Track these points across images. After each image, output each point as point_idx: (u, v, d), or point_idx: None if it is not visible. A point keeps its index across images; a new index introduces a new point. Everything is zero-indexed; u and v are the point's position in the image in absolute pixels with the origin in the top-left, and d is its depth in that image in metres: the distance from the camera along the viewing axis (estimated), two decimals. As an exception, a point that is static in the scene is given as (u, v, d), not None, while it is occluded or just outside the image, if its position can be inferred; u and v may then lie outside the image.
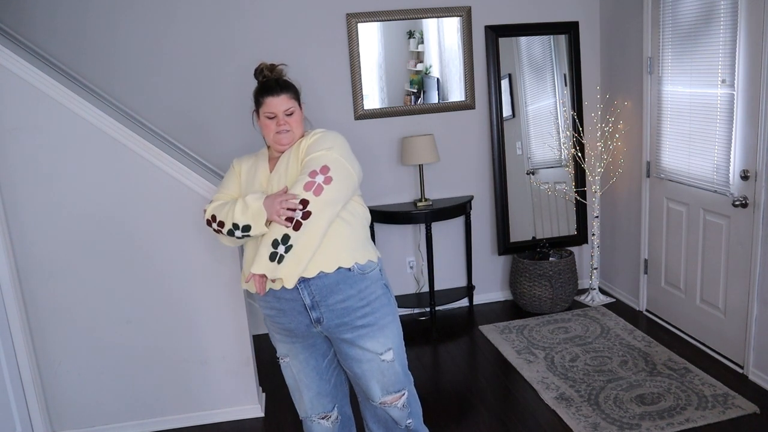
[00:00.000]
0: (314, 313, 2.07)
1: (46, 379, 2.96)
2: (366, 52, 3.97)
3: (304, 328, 2.12)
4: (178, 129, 3.80)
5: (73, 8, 3.58)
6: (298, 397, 2.29)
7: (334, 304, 2.06)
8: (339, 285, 2.05)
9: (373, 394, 2.18)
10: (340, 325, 2.09)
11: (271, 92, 2.09)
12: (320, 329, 2.12)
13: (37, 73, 2.69)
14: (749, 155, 3.07)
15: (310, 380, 2.24)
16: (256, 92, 2.14)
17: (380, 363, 2.13)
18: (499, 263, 4.43)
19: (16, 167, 2.76)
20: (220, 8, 3.74)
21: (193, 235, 2.93)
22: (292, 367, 2.24)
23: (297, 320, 2.10)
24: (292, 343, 2.20)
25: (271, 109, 2.09)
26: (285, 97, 2.10)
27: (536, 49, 4.23)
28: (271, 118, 2.10)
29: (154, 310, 2.98)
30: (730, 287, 3.29)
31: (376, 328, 2.11)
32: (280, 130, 2.09)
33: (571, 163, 4.26)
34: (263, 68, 2.16)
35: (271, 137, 2.12)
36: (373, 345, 2.11)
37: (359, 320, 2.09)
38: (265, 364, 3.67)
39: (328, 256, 2.02)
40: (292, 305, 2.07)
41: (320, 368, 2.24)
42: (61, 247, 2.86)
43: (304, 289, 2.04)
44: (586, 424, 2.88)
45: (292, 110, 2.11)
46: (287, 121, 2.10)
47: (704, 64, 3.32)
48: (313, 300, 2.05)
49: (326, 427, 2.31)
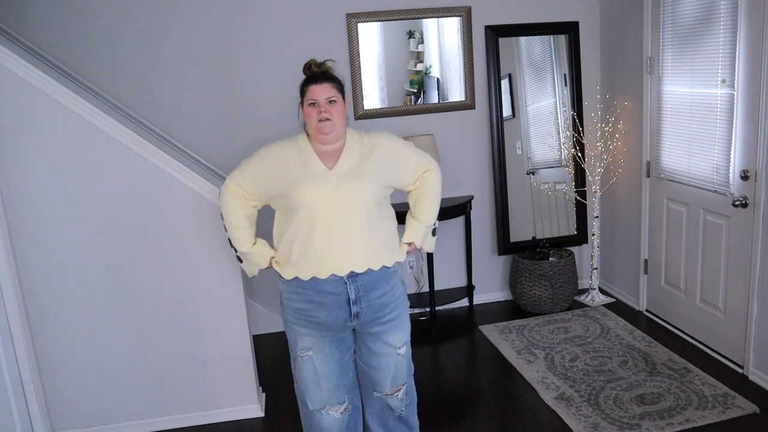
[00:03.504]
0: (355, 307, 2.18)
1: (46, 379, 2.96)
2: (366, 52, 3.97)
3: (341, 323, 2.20)
4: (178, 129, 3.80)
5: (74, 9, 3.58)
6: (315, 389, 2.29)
7: (373, 300, 2.19)
8: (380, 281, 2.19)
9: (383, 386, 2.32)
10: (373, 320, 2.23)
11: (315, 81, 2.16)
12: (355, 323, 2.22)
13: (37, 73, 2.68)
14: (749, 155, 3.07)
15: (332, 372, 2.28)
16: (301, 84, 2.20)
17: (396, 356, 2.28)
18: (499, 263, 4.43)
19: (16, 167, 2.76)
20: (221, 9, 3.74)
21: (192, 235, 2.93)
22: (315, 360, 2.26)
23: (335, 314, 2.18)
24: (320, 337, 2.24)
25: (313, 96, 2.14)
26: (327, 86, 2.15)
27: (536, 49, 4.23)
28: (312, 105, 2.15)
29: (154, 310, 2.98)
30: (730, 287, 3.29)
31: (397, 323, 2.27)
32: (321, 117, 2.13)
33: (571, 163, 4.26)
34: (311, 64, 2.23)
35: (313, 126, 2.15)
36: (394, 339, 2.27)
37: (387, 315, 2.24)
38: (265, 364, 3.67)
39: (375, 255, 2.17)
40: (334, 299, 2.16)
41: (343, 361, 2.30)
42: (61, 247, 2.85)
43: (352, 283, 2.15)
44: (586, 424, 2.88)
45: (334, 99, 2.15)
46: (328, 109, 2.14)
47: (704, 64, 3.32)
48: (357, 295, 2.16)
49: (336, 418, 2.33)
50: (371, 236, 2.16)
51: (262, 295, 4.14)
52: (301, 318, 2.23)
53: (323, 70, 2.20)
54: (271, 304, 4.16)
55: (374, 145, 2.22)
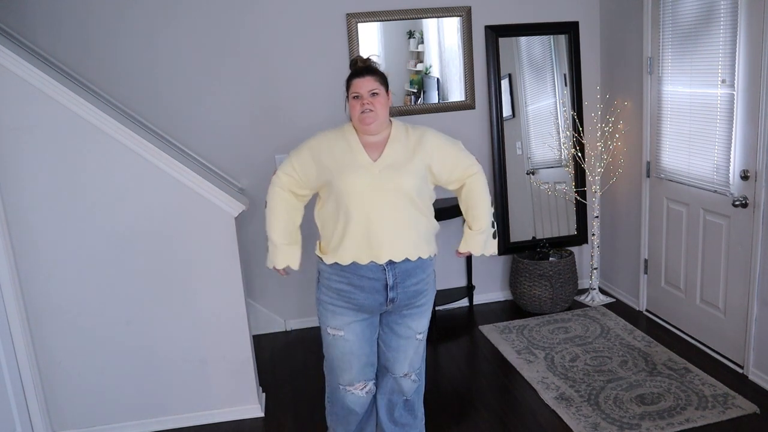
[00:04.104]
0: (392, 293, 2.29)
1: (46, 379, 2.96)
2: (366, 52, 3.96)
3: (377, 306, 2.32)
4: (178, 129, 3.80)
5: (74, 9, 3.58)
6: (345, 367, 2.40)
7: (408, 287, 2.31)
8: (416, 270, 2.31)
9: (399, 367, 2.44)
10: (405, 305, 2.35)
11: (359, 74, 2.27)
12: (390, 307, 2.34)
13: (37, 73, 2.68)
14: (749, 155, 3.07)
15: (362, 352, 2.39)
16: (347, 78, 2.31)
17: (415, 341, 2.42)
18: (499, 263, 4.43)
19: (16, 167, 2.76)
20: (221, 9, 3.74)
21: (193, 235, 2.93)
22: (347, 340, 2.36)
23: (373, 297, 2.30)
24: (354, 318, 2.34)
25: (356, 89, 2.25)
26: (370, 79, 2.25)
27: (536, 49, 4.23)
28: (356, 98, 2.25)
29: (154, 310, 2.98)
30: (730, 287, 3.29)
31: (423, 309, 2.41)
32: (364, 109, 2.22)
33: (571, 163, 4.26)
34: (357, 60, 2.33)
35: (356, 117, 2.25)
36: (417, 325, 2.40)
37: (417, 302, 2.37)
38: (265, 364, 3.67)
39: (412, 246, 2.28)
40: (372, 284, 2.27)
41: (372, 341, 2.43)
42: (61, 247, 2.85)
43: (390, 270, 2.27)
44: (586, 424, 2.88)
45: (376, 91, 2.25)
46: (371, 101, 2.23)
47: (704, 64, 3.32)
48: (394, 281, 2.28)
49: (360, 397, 2.46)
50: (410, 228, 2.27)
51: (262, 295, 4.14)
52: (340, 298, 2.33)
53: (367, 65, 2.31)
54: (271, 304, 4.16)
55: (420, 140, 2.31)
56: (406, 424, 2.56)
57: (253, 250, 4.00)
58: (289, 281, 4.09)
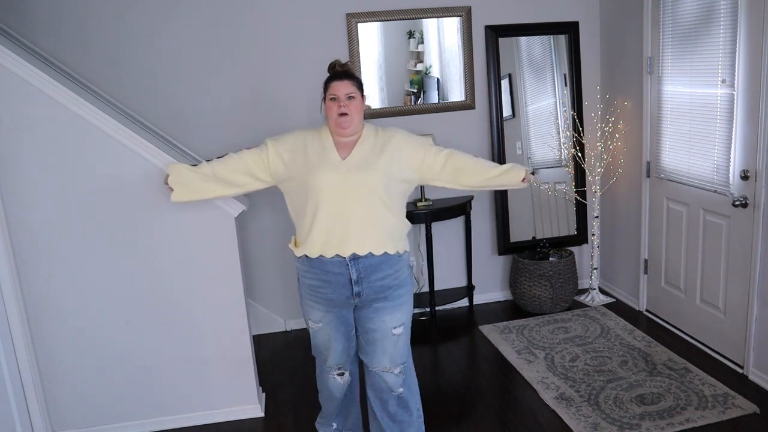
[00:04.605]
0: (357, 287, 2.37)
1: (46, 379, 2.96)
2: (366, 52, 3.97)
3: (344, 300, 2.42)
4: (179, 129, 3.80)
5: (75, 9, 3.58)
6: (326, 353, 2.56)
7: (374, 281, 2.38)
8: (381, 265, 2.37)
9: (377, 362, 2.49)
10: (374, 300, 2.42)
11: (336, 78, 2.38)
12: (357, 301, 2.42)
13: (37, 73, 2.68)
14: (749, 155, 3.07)
15: (338, 343, 2.53)
16: (325, 81, 2.42)
17: (392, 336, 2.46)
18: (499, 263, 4.43)
19: (16, 167, 2.76)
20: (221, 9, 3.74)
21: (193, 235, 2.93)
22: (325, 332, 2.51)
23: (339, 292, 2.39)
24: (327, 312, 2.47)
25: (334, 92, 2.36)
26: (348, 83, 2.37)
27: (536, 49, 4.23)
28: (333, 100, 2.35)
29: (154, 310, 2.98)
30: (730, 287, 3.29)
31: (397, 304, 2.45)
32: (340, 111, 2.34)
33: (571, 163, 4.26)
34: (336, 63, 2.44)
35: (333, 119, 2.36)
36: (391, 319, 2.44)
37: (388, 296, 2.42)
38: (265, 364, 3.67)
39: (377, 241, 2.35)
40: (338, 278, 2.37)
41: (347, 334, 2.54)
42: (61, 247, 2.85)
43: (354, 265, 2.34)
44: (586, 424, 2.88)
45: (353, 95, 2.37)
46: (347, 104, 2.35)
47: (704, 64, 3.32)
48: (359, 275, 2.36)
49: (339, 383, 2.62)
50: (374, 224, 2.34)
51: (262, 295, 4.14)
52: (313, 294, 2.45)
53: (345, 69, 2.42)
54: (271, 304, 4.16)
55: (387, 140, 2.42)
56: (402, 421, 2.59)
57: (253, 250, 4.01)
58: (289, 281, 4.09)
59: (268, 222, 4.01)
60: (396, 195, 2.41)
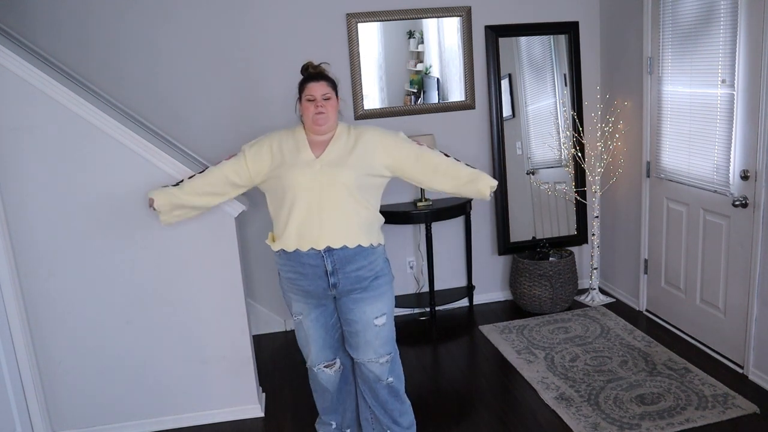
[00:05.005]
0: (333, 278, 2.44)
1: (46, 379, 2.96)
2: (366, 52, 3.97)
3: (321, 291, 2.48)
4: (179, 129, 3.80)
5: (75, 9, 3.58)
6: (307, 349, 2.63)
7: (349, 272, 2.44)
8: (356, 256, 2.43)
9: (361, 353, 2.56)
10: (351, 291, 2.48)
11: (313, 79, 2.46)
12: (334, 293, 2.48)
13: (37, 73, 2.68)
14: (749, 155, 3.07)
15: (318, 335, 2.59)
16: (300, 82, 2.49)
17: (373, 327, 2.52)
18: (499, 263, 4.43)
19: (16, 167, 2.76)
20: (221, 9, 3.74)
21: (193, 235, 2.93)
22: (304, 324, 2.57)
23: (316, 284, 2.46)
24: (306, 303, 2.54)
25: (311, 92, 2.44)
26: (324, 84, 2.45)
27: (536, 49, 4.23)
28: (310, 101, 2.43)
29: (154, 310, 2.98)
30: (730, 287, 3.29)
31: (376, 294, 2.51)
32: (318, 111, 2.42)
33: (571, 163, 4.26)
34: (309, 66, 2.51)
35: (310, 119, 2.44)
36: (371, 310, 2.50)
37: (366, 286, 2.49)
38: (265, 364, 3.67)
39: (350, 234, 2.41)
40: (314, 270, 2.43)
41: (328, 325, 2.59)
42: (61, 247, 2.85)
43: (328, 257, 2.41)
44: (586, 424, 2.88)
45: (329, 96, 2.45)
46: (324, 104, 2.43)
47: (704, 64, 3.32)
48: (333, 267, 2.42)
49: (330, 375, 2.66)
50: (348, 218, 2.41)
51: (262, 295, 4.14)
52: (292, 286, 2.53)
53: (319, 71, 2.49)
54: (272, 304, 4.16)
55: (358, 137, 2.49)
56: (394, 410, 2.68)
57: (253, 250, 4.01)
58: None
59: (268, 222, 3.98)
60: (369, 189, 2.48)
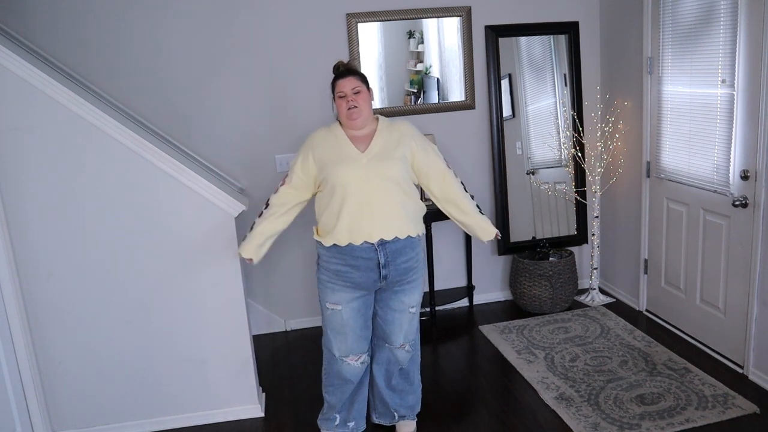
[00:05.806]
0: (384, 270, 2.53)
1: (46, 379, 2.96)
2: (366, 52, 3.97)
3: (371, 283, 2.57)
4: (179, 129, 3.80)
5: (75, 9, 3.58)
6: (341, 339, 2.65)
7: (399, 264, 2.55)
8: (405, 248, 2.55)
9: (395, 339, 2.70)
10: (398, 281, 2.59)
11: (341, 76, 2.55)
12: (383, 284, 2.58)
13: (37, 73, 2.68)
14: (749, 155, 3.07)
15: (357, 325, 2.64)
16: (331, 81, 2.58)
17: (408, 314, 2.68)
18: (499, 263, 4.43)
19: (16, 167, 2.76)
20: (221, 9, 3.74)
21: (193, 235, 2.93)
22: (344, 314, 2.61)
23: (367, 276, 2.54)
24: (353, 295, 2.59)
25: (340, 89, 2.53)
26: (351, 78, 2.54)
27: (536, 49, 4.23)
28: (342, 97, 2.53)
29: (154, 310, 2.98)
30: (730, 287, 3.29)
31: (414, 285, 2.66)
32: (349, 105, 2.51)
33: (571, 163, 4.26)
34: (339, 65, 2.61)
35: (344, 114, 2.53)
36: (409, 299, 2.66)
37: (408, 278, 2.62)
38: (265, 364, 3.67)
39: (401, 225, 2.52)
40: (367, 263, 2.51)
41: (367, 316, 2.68)
42: (60, 247, 2.85)
43: (382, 250, 2.50)
44: (586, 424, 2.88)
45: (358, 89, 2.53)
46: (355, 98, 2.51)
47: (704, 64, 3.32)
48: (386, 259, 2.52)
49: (355, 367, 2.70)
50: (398, 210, 2.51)
51: (262, 295, 4.14)
52: (338, 278, 2.57)
53: (348, 67, 2.59)
54: (271, 304, 4.16)
55: (402, 133, 2.61)
56: (402, 390, 2.82)
57: (253, 250, 4.00)
58: (289, 281, 4.09)
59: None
60: (411, 181, 2.61)
